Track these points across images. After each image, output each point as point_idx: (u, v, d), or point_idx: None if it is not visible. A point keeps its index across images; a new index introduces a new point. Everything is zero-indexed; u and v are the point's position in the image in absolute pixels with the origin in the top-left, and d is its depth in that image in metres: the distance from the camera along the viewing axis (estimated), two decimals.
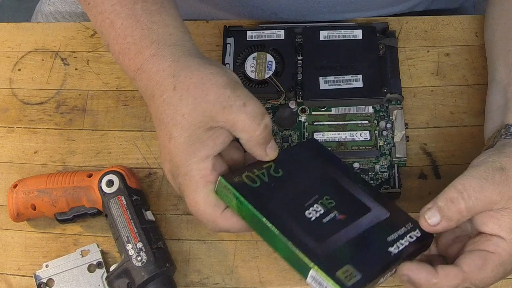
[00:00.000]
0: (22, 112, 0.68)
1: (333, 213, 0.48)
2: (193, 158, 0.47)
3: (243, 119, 0.46)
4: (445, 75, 0.66)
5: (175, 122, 0.47)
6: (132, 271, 0.56)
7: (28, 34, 0.72)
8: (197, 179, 0.47)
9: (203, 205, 0.48)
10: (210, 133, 0.47)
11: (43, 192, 0.60)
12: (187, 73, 0.48)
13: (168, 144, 0.47)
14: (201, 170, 0.47)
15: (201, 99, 0.46)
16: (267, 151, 0.49)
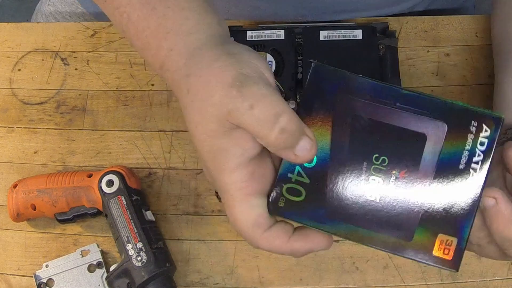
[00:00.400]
0: (22, 112, 0.68)
1: (393, 175, 0.42)
2: (223, 171, 0.41)
3: (251, 124, 0.39)
4: (445, 75, 0.66)
5: (193, 134, 0.41)
6: (132, 271, 0.56)
7: (28, 34, 0.72)
8: (233, 193, 0.41)
9: (241, 224, 0.41)
10: (231, 138, 0.40)
11: (43, 192, 0.60)
12: (197, 72, 0.42)
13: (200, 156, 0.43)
14: (235, 183, 0.41)
15: (206, 103, 0.40)
16: (297, 153, 0.40)
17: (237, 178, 0.41)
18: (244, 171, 0.41)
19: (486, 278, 0.58)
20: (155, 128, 0.66)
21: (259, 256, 0.60)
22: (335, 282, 0.59)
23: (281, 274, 0.60)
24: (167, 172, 0.64)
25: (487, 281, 0.58)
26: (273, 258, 0.60)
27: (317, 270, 0.60)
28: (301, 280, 0.59)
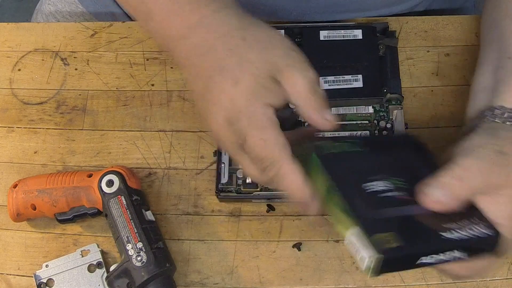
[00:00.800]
0: (22, 112, 0.68)
1: (396, 193, 0.45)
2: (259, 102, 0.46)
3: (300, 83, 0.47)
4: (445, 75, 0.66)
5: (242, 69, 0.46)
6: (132, 271, 0.56)
7: (28, 34, 0.72)
8: (264, 120, 0.46)
9: (272, 144, 0.45)
10: (274, 84, 0.47)
11: (43, 192, 0.60)
12: (257, 28, 0.48)
13: (232, 90, 0.46)
14: (267, 114, 0.46)
15: (269, 50, 0.47)
16: (325, 116, 0.48)
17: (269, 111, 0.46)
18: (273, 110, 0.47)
19: (486, 278, 0.58)
20: (155, 128, 0.66)
21: (259, 256, 0.60)
22: (335, 282, 0.59)
23: (281, 274, 0.60)
24: (167, 172, 0.64)
25: (487, 281, 0.58)
26: (273, 258, 0.60)
27: (317, 270, 0.60)
28: (301, 280, 0.59)
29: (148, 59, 0.70)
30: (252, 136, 0.46)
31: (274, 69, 0.47)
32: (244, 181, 0.61)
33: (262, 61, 0.47)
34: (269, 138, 0.46)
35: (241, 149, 0.47)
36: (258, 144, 0.46)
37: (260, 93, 0.46)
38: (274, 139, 0.46)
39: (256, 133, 0.46)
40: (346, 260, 0.60)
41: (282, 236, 0.61)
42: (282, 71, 0.47)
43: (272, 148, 0.46)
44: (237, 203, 0.62)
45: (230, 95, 0.46)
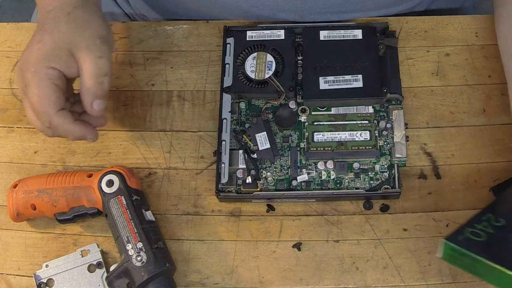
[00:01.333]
0: (22, 112, 0.68)
1: None
2: (47, 63, 0.55)
3: (89, 66, 0.55)
4: (445, 75, 0.66)
5: (52, 34, 0.56)
6: (132, 271, 0.56)
7: (28, 34, 0.72)
8: (44, 78, 0.55)
9: (42, 99, 0.55)
10: (69, 57, 0.56)
11: (43, 192, 0.60)
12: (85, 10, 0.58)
13: (35, 46, 0.56)
14: (49, 73, 0.55)
15: (79, 30, 0.56)
16: (94, 103, 0.56)
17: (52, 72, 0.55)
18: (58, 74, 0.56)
19: None
20: (155, 128, 0.66)
21: (259, 256, 0.60)
22: (335, 282, 0.59)
23: (281, 274, 0.60)
24: (167, 172, 0.64)
25: None
26: (273, 258, 0.60)
27: (317, 270, 0.60)
28: (301, 280, 0.59)
29: (148, 59, 0.70)
30: (31, 90, 0.55)
31: (73, 46, 0.56)
32: (244, 181, 0.61)
33: (67, 36, 0.56)
34: (43, 94, 0.55)
35: (25, 94, 0.56)
36: (33, 97, 0.55)
37: (52, 58, 0.55)
38: (47, 95, 0.55)
39: (34, 88, 0.55)
40: (346, 260, 0.60)
41: (282, 236, 0.61)
42: (79, 50, 0.56)
43: (43, 103, 0.55)
44: (237, 203, 0.62)
45: (32, 49, 0.56)
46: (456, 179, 0.62)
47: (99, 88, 0.56)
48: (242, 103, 0.65)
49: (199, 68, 0.69)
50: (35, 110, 0.55)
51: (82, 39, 0.56)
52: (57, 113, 0.55)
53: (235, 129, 0.64)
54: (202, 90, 0.68)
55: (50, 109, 0.55)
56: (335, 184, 0.61)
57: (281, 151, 0.62)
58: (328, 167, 0.61)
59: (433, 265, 0.59)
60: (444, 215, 0.60)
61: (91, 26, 0.57)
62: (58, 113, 0.55)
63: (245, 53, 0.65)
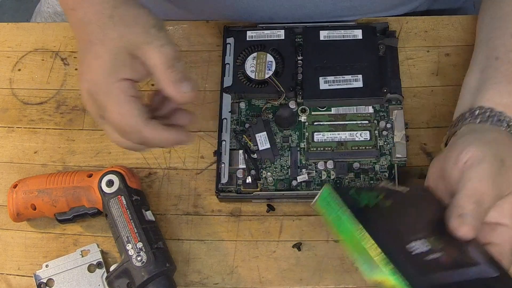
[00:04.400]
0: (22, 112, 0.68)
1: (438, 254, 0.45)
2: (116, 77, 0.50)
3: (156, 59, 0.50)
4: (445, 75, 0.66)
5: (104, 44, 0.51)
6: (132, 271, 0.56)
7: (28, 34, 0.72)
8: (119, 94, 0.50)
9: (129, 116, 0.50)
10: (133, 60, 0.51)
11: (43, 192, 0.60)
12: (127, 7, 0.52)
13: (94, 63, 0.51)
14: (122, 87, 0.50)
15: (130, 29, 0.51)
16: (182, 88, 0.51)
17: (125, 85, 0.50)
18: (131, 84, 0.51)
19: None
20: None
21: (259, 256, 0.60)
22: (335, 282, 0.59)
23: (281, 274, 0.60)
24: (167, 172, 0.64)
25: None
26: (273, 258, 0.60)
27: (317, 270, 0.60)
28: (301, 280, 0.59)
29: None
30: (110, 111, 0.50)
31: (132, 46, 0.50)
32: (244, 181, 0.61)
33: (121, 40, 0.50)
34: (125, 112, 0.50)
35: (103, 118, 0.51)
36: (116, 117, 0.50)
37: (117, 69, 0.50)
38: (130, 111, 0.50)
39: (113, 108, 0.50)
40: (346, 260, 0.60)
41: (282, 236, 0.61)
42: (140, 48, 0.50)
43: (129, 120, 0.50)
44: (237, 203, 0.62)
45: (92, 69, 0.51)
46: None
47: (176, 74, 0.51)
48: (242, 103, 0.65)
49: (199, 68, 0.69)
50: (122, 131, 0.51)
51: (136, 36, 0.51)
52: (146, 126, 0.50)
53: (235, 129, 0.64)
54: (202, 90, 0.68)
55: (138, 124, 0.50)
56: (335, 184, 0.61)
57: (281, 151, 0.62)
58: (328, 167, 0.61)
59: None
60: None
61: (139, 19, 0.52)
62: (147, 125, 0.50)
63: (245, 53, 0.65)
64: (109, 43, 0.51)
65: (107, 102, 0.50)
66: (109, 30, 0.51)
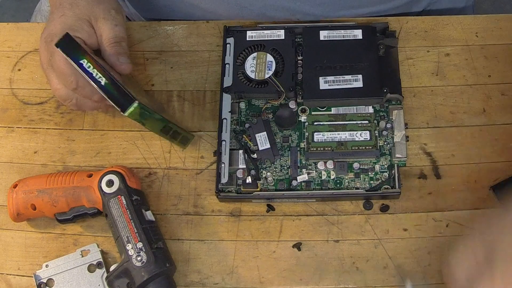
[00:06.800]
0: (22, 112, 0.68)
1: None
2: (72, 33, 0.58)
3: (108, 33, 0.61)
4: (445, 75, 0.66)
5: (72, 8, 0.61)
6: (132, 271, 0.56)
7: (28, 34, 0.72)
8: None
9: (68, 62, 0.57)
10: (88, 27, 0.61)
11: (43, 192, 0.60)
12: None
13: (58, 20, 0.61)
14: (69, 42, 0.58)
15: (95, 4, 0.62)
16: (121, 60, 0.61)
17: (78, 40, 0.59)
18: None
19: None
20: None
21: (259, 256, 0.60)
22: (335, 282, 0.59)
23: (281, 274, 0.60)
24: (167, 172, 0.64)
25: None
26: (273, 258, 0.60)
27: (317, 270, 0.60)
28: (301, 280, 0.59)
29: (148, 59, 0.70)
30: (57, 57, 0.58)
31: (92, 17, 0.61)
32: (244, 181, 0.61)
33: (85, 8, 0.61)
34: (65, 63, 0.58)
35: (50, 65, 0.60)
36: (60, 63, 0.58)
37: (75, 28, 0.60)
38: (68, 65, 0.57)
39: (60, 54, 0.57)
40: (346, 260, 0.60)
41: (282, 236, 0.61)
42: (97, 21, 0.61)
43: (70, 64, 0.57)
44: (237, 203, 0.62)
45: (55, 23, 0.61)
46: (456, 179, 0.62)
47: (120, 49, 0.61)
48: (242, 103, 0.65)
49: (199, 68, 0.69)
50: (62, 74, 0.58)
51: (99, 11, 0.61)
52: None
53: (235, 129, 0.64)
54: (202, 90, 0.68)
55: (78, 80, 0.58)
56: (335, 184, 0.61)
57: (281, 151, 0.62)
58: (328, 167, 0.61)
59: (433, 265, 0.59)
60: (444, 215, 0.60)
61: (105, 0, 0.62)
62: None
63: (245, 53, 0.65)
64: (76, 8, 0.61)
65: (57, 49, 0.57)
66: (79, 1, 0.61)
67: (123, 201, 0.59)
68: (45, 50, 0.60)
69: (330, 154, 0.61)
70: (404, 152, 0.61)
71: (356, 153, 0.61)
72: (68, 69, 0.58)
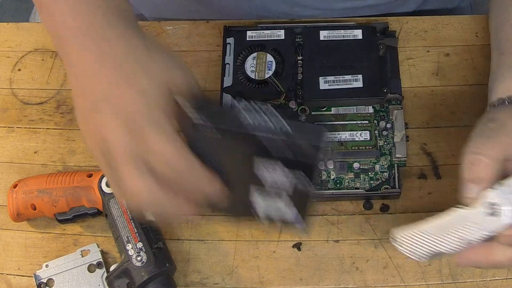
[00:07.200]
0: (22, 112, 0.68)
1: None
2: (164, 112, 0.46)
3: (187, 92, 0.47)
4: (445, 75, 0.66)
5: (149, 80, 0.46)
6: (132, 271, 0.56)
7: (28, 34, 0.72)
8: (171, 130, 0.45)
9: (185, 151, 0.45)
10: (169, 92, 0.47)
11: (43, 192, 0.60)
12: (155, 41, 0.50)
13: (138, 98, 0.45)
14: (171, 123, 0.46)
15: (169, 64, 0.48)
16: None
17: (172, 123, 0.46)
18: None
19: (486, 278, 0.58)
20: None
21: (259, 256, 0.60)
22: (335, 282, 0.59)
23: (281, 274, 0.60)
24: None
25: (487, 281, 0.58)
26: (273, 258, 0.60)
27: (317, 270, 0.60)
28: (301, 280, 0.59)
29: None
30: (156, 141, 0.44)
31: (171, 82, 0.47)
32: None
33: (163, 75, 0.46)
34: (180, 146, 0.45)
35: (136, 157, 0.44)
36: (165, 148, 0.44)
37: (164, 104, 0.46)
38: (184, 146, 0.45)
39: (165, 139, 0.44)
40: (346, 260, 0.60)
41: (282, 236, 0.61)
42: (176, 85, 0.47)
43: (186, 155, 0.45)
44: None
45: (135, 102, 0.44)
46: (456, 179, 0.62)
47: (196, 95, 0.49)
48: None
49: (199, 68, 0.69)
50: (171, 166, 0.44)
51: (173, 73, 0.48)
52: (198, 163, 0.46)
53: None
54: (202, 90, 0.67)
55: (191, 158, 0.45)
56: (335, 184, 0.61)
57: None
58: (328, 167, 0.61)
59: (433, 265, 0.59)
60: None
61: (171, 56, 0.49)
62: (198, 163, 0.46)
63: (245, 53, 0.65)
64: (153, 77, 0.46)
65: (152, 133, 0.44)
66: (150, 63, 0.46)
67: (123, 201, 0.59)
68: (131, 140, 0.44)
69: (330, 154, 0.61)
70: (404, 152, 0.61)
71: (356, 153, 0.61)
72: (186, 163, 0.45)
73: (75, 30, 0.46)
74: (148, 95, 0.45)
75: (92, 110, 0.45)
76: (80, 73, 0.46)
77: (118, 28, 0.47)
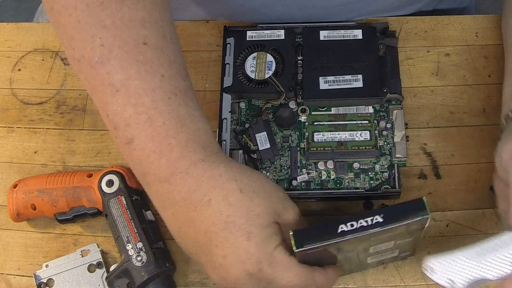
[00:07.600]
0: (22, 112, 0.68)
1: None
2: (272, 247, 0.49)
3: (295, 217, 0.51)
4: (445, 75, 0.66)
5: (251, 223, 0.48)
6: (132, 271, 0.56)
7: (28, 34, 0.72)
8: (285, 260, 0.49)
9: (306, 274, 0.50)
10: (277, 227, 0.50)
11: (43, 192, 0.60)
12: (249, 177, 0.50)
13: (247, 243, 0.48)
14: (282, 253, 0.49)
15: (267, 201, 0.50)
16: None
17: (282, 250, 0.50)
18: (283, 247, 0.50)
19: None
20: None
21: None
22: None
23: None
24: None
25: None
26: None
27: None
28: None
29: None
30: (282, 279, 0.49)
31: (276, 215, 0.50)
32: None
33: (266, 213, 0.49)
34: (300, 272, 0.49)
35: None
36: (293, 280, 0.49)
37: (271, 240, 0.49)
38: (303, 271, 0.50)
39: (286, 273, 0.49)
40: None
41: None
42: (280, 215, 0.50)
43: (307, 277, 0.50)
44: None
45: (246, 249, 0.48)
46: (456, 179, 0.62)
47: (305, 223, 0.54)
48: (242, 103, 0.65)
49: (199, 68, 0.69)
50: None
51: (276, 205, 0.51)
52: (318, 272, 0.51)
53: (235, 129, 0.64)
54: (202, 90, 0.68)
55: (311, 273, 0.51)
56: (335, 184, 0.61)
57: (281, 151, 0.62)
58: (328, 167, 0.61)
59: None
60: (444, 215, 0.60)
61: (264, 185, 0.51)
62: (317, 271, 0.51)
63: (245, 53, 0.65)
64: (256, 219, 0.49)
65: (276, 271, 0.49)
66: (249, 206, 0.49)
67: (123, 201, 0.59)
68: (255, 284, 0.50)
69: (330, 154, 0.61)
70: (404, 152, 0.61)
71: (356, 153, 0.61)
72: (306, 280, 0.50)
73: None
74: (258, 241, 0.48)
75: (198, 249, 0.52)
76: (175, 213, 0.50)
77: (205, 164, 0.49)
